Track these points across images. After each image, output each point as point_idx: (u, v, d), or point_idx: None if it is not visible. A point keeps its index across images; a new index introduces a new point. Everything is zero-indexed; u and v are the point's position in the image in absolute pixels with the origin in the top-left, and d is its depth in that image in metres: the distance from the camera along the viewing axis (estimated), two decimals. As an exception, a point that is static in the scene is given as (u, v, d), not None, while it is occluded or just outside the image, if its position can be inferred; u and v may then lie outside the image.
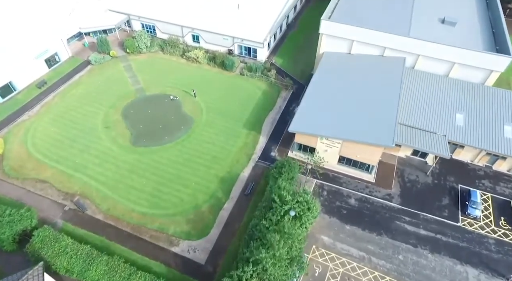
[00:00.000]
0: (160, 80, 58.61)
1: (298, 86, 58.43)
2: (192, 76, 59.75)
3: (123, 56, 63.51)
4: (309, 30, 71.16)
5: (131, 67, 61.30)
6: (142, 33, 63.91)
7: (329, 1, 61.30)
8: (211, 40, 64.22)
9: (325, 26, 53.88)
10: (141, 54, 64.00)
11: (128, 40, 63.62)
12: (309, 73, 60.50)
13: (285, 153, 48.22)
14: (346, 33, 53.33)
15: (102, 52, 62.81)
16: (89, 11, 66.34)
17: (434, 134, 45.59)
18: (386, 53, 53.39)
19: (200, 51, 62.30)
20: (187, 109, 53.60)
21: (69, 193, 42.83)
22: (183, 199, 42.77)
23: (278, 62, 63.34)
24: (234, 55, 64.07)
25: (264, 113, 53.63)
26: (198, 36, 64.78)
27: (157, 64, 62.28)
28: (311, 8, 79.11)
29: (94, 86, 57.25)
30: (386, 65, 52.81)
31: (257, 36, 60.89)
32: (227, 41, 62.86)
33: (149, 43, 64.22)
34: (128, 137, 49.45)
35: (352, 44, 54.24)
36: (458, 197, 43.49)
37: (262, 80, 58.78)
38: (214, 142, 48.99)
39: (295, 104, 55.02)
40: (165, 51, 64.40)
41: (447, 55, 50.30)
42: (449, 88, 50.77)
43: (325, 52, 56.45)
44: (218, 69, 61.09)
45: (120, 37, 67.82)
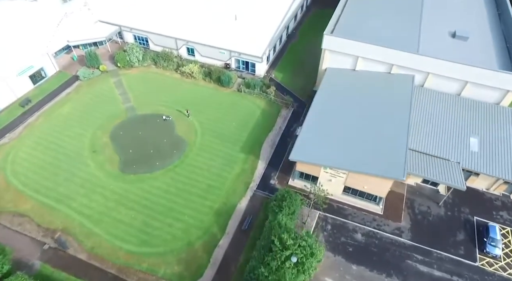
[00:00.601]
0: (153, 98, 54.55)
1: (299, 104, 54.41)
2: (186, 92, 55.71)
3: (113, 71, 59.38)
4: (310, 40, 67.10)
5: (122, 83, 57.20)
6: (133, 46, 59.77)
7: (330, 9, 57.69)
8: (207, 54, 60.14)
9: (328, 42, 49.86)
10: (132, 69, 59.86)
11: (119, 53, 59.50)
12: (310, 89, 56.52)
13: (286, 181, 44.27)
14: (350, 49, 49.32)
15: (91, 67, 58.71)
16: (78, 23, 62.12)
17: (447, 161, 41.67)
18: (394, 70, 49.38)
19: (195, 65, 58.21)
20: (180, 131, 49.56)
21: (50, 228, 38.81)
22: (175, 235, 38.81)
23: (277, 76, 59.28)
24: (231, 69, 60.03)
25: (263, 135, 49.62)
26: (193, 49, 60.71)
27: (150, 79, 58.18)
28: (312, 17, 75.00)
29: (82, 104, 53.16)
30: (394, 84, 48.83)
31: (255, 50, 56.81)
32: (224, 54, 58.79)
33: (141, 57, 60.09)
34: (117, 162, 45.42)
35: (357, 60, 50.26)
36: (474, 231, 39.62)
37: (261, 98, 54.74)
38: (209, 169, 45.00)
39: (296, 124, 51.04)
40: (158, 65, 60.28)
41: (459, 74, 46.36)
42: (461, 108, 46.81)
43: (328, 68, 52.41)
44: (214, 85, 57.01)
45: (111, 49, 63.67)
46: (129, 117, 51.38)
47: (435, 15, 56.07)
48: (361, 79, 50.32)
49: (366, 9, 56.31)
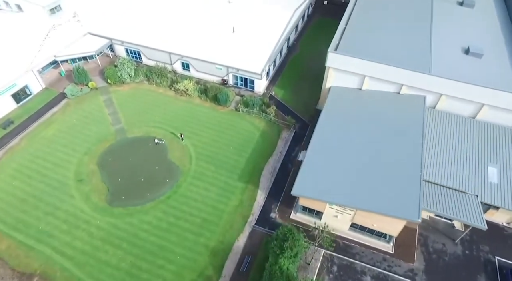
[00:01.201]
0: (144, 118, 50.48)
1: (301, 124, 50.41)
2: (180, 112, 51.62)
3: (103, 88, 55.28)
4: (311, 52, 63.12)
5: (112, 101, 53.10)
6: (125, 62, 55.66)
7: (332, 19, 53.59)
8: (203, 69, 56.06)
9: (332, 59, 45.83)
10: (124, 85, 55.74)
11: (109, 69, 55.39)
12: (313, 108, 52.54)
13: (287, 215, 40.32)
14: (356, 67, 45.28)
15: (79, 84, 54.61)
16: (66, 36, 57.95)
17: (463, 193, 37.79)
18: (403, 91, 45.38)
19: (190, 82, 54.12)
20: (173, 156, 45.54)
21: (26, 273, 34.77)
22: (166, 278, 34.85)
23: (278, 94, 55.23)
24: (229, 85, 56.00)
25: (263, 160, 45.64)
26: (188, 64, 56.63)
27: (142, 97, 54.08)
28: (314, 27, 70.87)
29: (68, 126, 49.05)
30: (404, 105, 44.82)
31: (254, 66, 52.74)
32: (221, 70, 54.74)
33: (133, 73, 55.95)
34: (104, 193, 41.41)
35: (364, 79, 46.28)
36: (497, 275, 35.71)
37: (260, 118, 50.71)
38: (204, 200, 41.02)
39: (298, 148, 47.11)
40: (151, 81, 56.18)
41: (475, 96, 42.41)
42: (478, 133, 42.85)
43: (332, 87, 48.37)
44: (211, 103, 52.94)
45: (101, 63, 59.57)
46: (118, 140, 47.28)
47: (446, 28, 52.00)
48: (368, 100, 46.31)
49: (372, 23, 52.15)
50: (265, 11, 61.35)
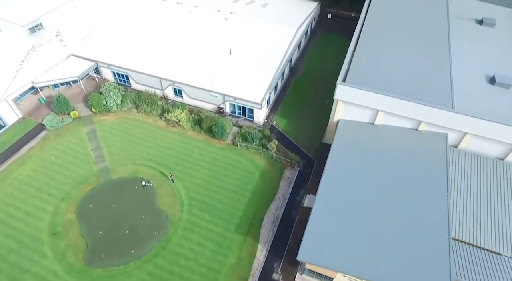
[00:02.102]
0: (131, 154, 44.68)
1: (306, 161, 44.74)
2: (171, 146, 45.80)
3: (87, 117, 49.41)
4: (316, 73, 57.39)
5: (96, 133, 47.24)
6: (111, 88, 49.81)
7: (337, 34, 47.94)
8: (197, 96, 50.26)
9: (341, 92, 40.07)
10: (110, 114, 49.86)
11: (93, 96, 49.52)
12: (319, 141, 46.88)
13: (292, 276, 34.74)
14: (369, 101, 39.54)
15: (60, 113, 48.79)
16: (47, 59, 52.05)
17: (497, 255, 32.28)
18: (422, 127, 39.77)
19: (183, 111, 48.28)
20: (163, 202, 39.80)
21: None
22: None
23: (280, 124, 49.45)
24: (225, 114, 50.25)
25: (263, 207, 39.96)
26: (180, 90, 50.85)
27: (129, 128, 48.15)
28: (318, 43, 64.97)
29: (45, 164, 43.21)
30: (423, 144, 39.14)
31: (253, 94, 46.94)
32: (216, 98, 48.98)
33: (120, 100, 50.10)
34: (82, 250, 35.61)
35: (377, 114, 40.65)
36: None
37: (260, 153, 45.01)
38: (196, 258, 35.31)
39: (303, 191, 41.50)
40: (140, 109, 50.35)
41: (505, 136, 36.86)
42: (510, 178, 37.36)
43: (341, 120, 42.63)
44: (205, 136, 47.11)
45: (86, 87, 53.74)
46: (101, 183, 41.50)
47: (466, 53, 46.28)
48: (382, 137, 40.57)
49: (383, 47, 46.23)
50: (265, 30, 55.40)
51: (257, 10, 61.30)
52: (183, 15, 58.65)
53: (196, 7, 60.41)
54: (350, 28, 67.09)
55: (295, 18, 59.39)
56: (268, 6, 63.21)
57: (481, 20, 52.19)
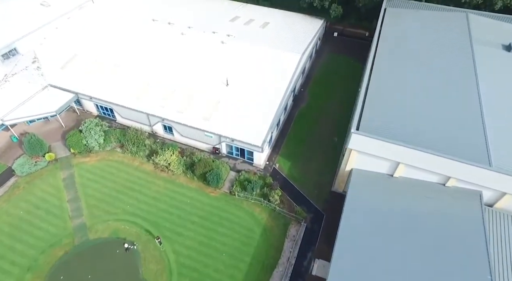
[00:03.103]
0: (113, 207, 38.40)
1: (314, 214, 38.54)
2: (160, 197, 39.48)
3: (65, 159, 43.16)
4: (323, 103, 51.15)
5: (75, 179, 40.99)
6: (92, 126, 43.53)
7: (345, 56, 41.64)
8: (189, 134, 44.01)
9: (356, 142, 33.83)
10: (91, 155, 43.58)
11: (72, 135, 43.24)
12: (328, 190, 40.73)
13: None
14: (389, 153, 33.40)
15: (33, 156, 42.55)
16: (21, 89, 45.79)
17: None
18: (450, 183, 33.67)
19: (173, 153, 42.04)
20: (148, 271, 33.51)
21: None
22: None
23: (283, 167, 43.21)
24: (222, 154, 44.08)
25: (265, 275, 33.69)
26: (171, 127, 44.62)
27: (112, 173, 41.85)
28: (324, 66, 58.53)
29: (12, 221, 36.86)
30: (453, 202, 32.97)
31: (253, 135, 40.63)
32: (211, 138, 42.78)
33: (102, 140, 43.86)
34: None
35: (398, 165, 34.55)
36: None
37: (261, 205, 38.87)
38: None
39: (310, 254, 35.37)
40: (125, 149, 44.11)
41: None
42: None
43: (355, 170, 36.49)
44: (199, 183, 40.84)
45: (66, 121, 47.51)
46: (77, 245, 35.23)
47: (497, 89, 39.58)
48: (403, 192, 34.39)
49: (401, 83, 39.72)
50: (266, 56, 49.02)
51: (257, 30, 54.89)
52: (175, 38, 52.22)
53: (190, 28, 53.98)
54: (358, 48, 61.26)
55: (300, 40, 53.00)
56: (269, 25, 56.82)
57: (509, 46, 45.93)
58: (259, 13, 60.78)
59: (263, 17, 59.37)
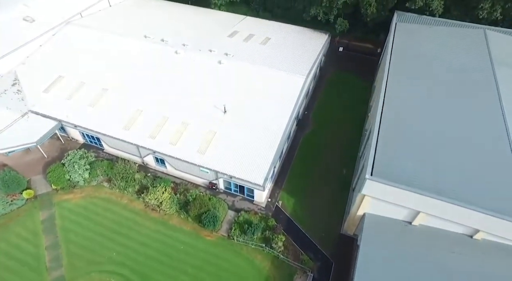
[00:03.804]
0: (98, 255, 34.02)
1: (322, 261, 34.28)
2: (150, 243, 34.99)
3: (46, 196, 38.83)
4: (329, 128, 46.83)
5: (55, 221, 36.62)
6: (76, 159, 39.24)
7: (350, 73, 37.51)
8: (183, 168, 39.69)
9: (371, 188, 29.57)
10: (75, 191, 39.23)
11: (54, 169, 38.94)
12: (337, 233, 36.49)
13: None
14: (408, 201, 29.20)
15: (9, 194, 38.22)
16: None
17: None
18: (479, 235, 29.51)
19: (166, 190, 37.79)
20: None
21: None
22: None
23: (286, 205, 38.89)
24: (219, 190, 39.85)
25: None
26: (163, 160, 40.36)
27: (98, 213, 37.42)
28: (329, 86, 53.82)
29: (-16, 272, 33.00)
30: (483, 259, 28.86)
31: (254, 172, 36.29)
32: (208, 174, 38.51)
33: (87, 174, 39.60)
34: None
35: (418, 214, 30.36)
36: None
37: (262, 251, 34.59)
38: None
39: (319, 312, 31.30)
40: (113, 183, 39.85)
41: None
42: None
43: (368, 214, 32.28)
44: (193, 224, 36.56)
45: (49, 151, 43.21)
46: (53, 305, 31.24)
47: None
48: (423, 243, 30.16)
49: (419, 114, 35.31)
50: (268, 78, 44.62)
51: (258, 48, 50.42)
52: (168, 58, 47.75)
53: (184, 45, 49.49)
54: (365, 65, 56.85)
55: (304, 59, 48.56)
56: (270, 41, 52.36)
57: (534, 68, 41.73)
58: (260, 27, 56.33)
59: (263, 31, 54.92)
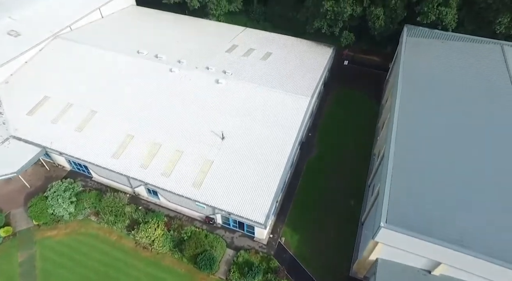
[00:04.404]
0: (82, 302, 31.06)
1: (330, 310, 31.21)
2: (140, 286, 32.16)
3: (27, 232, 35.41)
4: (334, 152, 43.48)
5: (35, 263, 33.17)
6: (60, 192, 35.85)
7: (358, 90, 34.71)
8: (177, 201, 36.37)
9: (386, 236, 26.32)
10: (59, 227, 35.84)
11: (36, 202, 35.52)
12: (345, 275, 33.13)
13: None
14: (427, 251, 25.89)
15: (-13, 232, 34.93)
16: (-23, 144, 38.21)
17: None
18: (508, 288, 26.28)
19: (158, 226, 34.44)
20: None
21: None
22: None
23: (290, 241, 35.34)
24: (217, 225, 36.52)
25: None
26: (156, 191, 37.00)
27: (84, 253, 33.87)
28: (333, 106, 50.03)
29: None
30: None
31: (254, 208, 32.93)
32: (204, 209, 35.16)
33: (73, 208, 36.22)
34: None
35: (439, 265, 27.06)
36: None
37: (264, 299, 31.47)
38: None
39: None
40: (101, 217, 36.48)
41: None
42: None
43: (382, 260, 28.99)
44: (188, 265, 33.21)
45: (32, 179, 39.86)
46: None
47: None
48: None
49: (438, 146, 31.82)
50: (269, 100, 41.23)
51: (258, 64, 46.97)
52: (162, 77, 44.30)
53: (180, 62, 46.07)
54: (372, 80, 53.33)
55: (308, 77, 45.17)
56: (271, 57, 48.93)
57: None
58: (260, 40, 52.84)
59: (264, 45, 51.48)
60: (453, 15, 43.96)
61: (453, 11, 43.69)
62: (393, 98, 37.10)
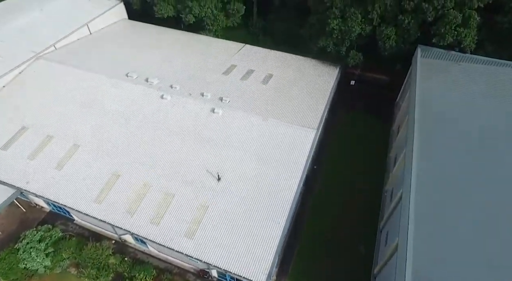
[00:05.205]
0: None
1: None
2: None
3: (-2, 289, 31.47)
4: (341, 188, 39.25)
5: (6, 328, 29.42)
6: (34, 243, 31.58)
7: (366, 113, 32.03)
8: (169, 253, 32.22)
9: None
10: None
11: (4, 257, 31.21)
12: None
13: None
14: None
15: (-48, 290, 30.73)
16: None
17: None
18: None
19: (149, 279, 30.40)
20: None
21: None
22: None
23: (295, 298, 31.60)
24: (212, 279, 32.30)
25: None
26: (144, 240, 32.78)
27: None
28: (340, 132, 45.78)
29: None
30: None
31: (254, 265, 28.66)
32: (197, 263, 30.95)
33: (49, 261, 31.92)
34: None
35: None
36: None
37: None
38: None
39: None
40: (81, 271, 32.17)
41: None
42: None
43: None
44: (179, 330, 29.40)
45: (6, 223, 35.59)
46: None
47: None
48: None
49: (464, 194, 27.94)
50: (270, 132, 36.98)
51: (258, 89, 42.65)
52: (152, 105, 39.95)
53: (172, 87, 41.78)
54: (380, 101, 49.10)
55: (312, 103, 40.88)
56: (272, 79, 44.64)
57: None
58: (260, 59, 48.47)
59: (264, 65, 47.13)
60: (472, 36, 39.71)
61: (472, 33, 39.45)
62: (409, 134, 32.85)
